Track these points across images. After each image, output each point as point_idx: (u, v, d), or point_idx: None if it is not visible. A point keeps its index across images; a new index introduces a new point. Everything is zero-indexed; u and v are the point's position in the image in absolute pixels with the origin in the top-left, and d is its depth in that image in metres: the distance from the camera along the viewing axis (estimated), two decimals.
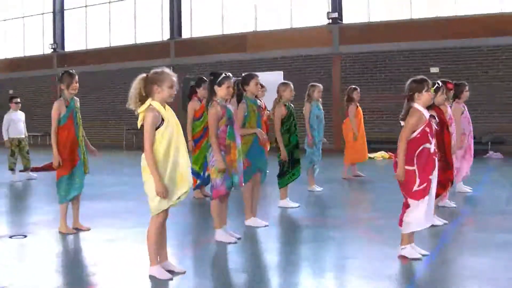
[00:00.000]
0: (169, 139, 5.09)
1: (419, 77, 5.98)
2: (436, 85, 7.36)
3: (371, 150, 16.16)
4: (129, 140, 24.66)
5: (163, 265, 5.45)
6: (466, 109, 9.42)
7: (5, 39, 31.22)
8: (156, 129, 5.07)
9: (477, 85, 17.15)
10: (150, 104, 5.09)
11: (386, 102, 19.57)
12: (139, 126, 5.15)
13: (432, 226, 6.31)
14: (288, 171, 8.82)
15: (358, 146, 12.27)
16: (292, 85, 8.86)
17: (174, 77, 5.25)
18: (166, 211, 5.29)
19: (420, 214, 5.72)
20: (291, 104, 8.92)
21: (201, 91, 9.69)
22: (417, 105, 5.80)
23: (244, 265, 6.10)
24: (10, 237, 7.23)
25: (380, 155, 17.20)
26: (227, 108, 6.62)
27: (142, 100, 5.14)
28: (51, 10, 28.88)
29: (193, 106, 9.78)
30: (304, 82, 11.78)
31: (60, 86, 7.46)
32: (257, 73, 7.87)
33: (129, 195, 10.87)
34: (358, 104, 12.25)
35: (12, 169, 13.19)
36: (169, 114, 5.16)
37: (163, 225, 5.38)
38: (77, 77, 7.45)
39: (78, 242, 7.15)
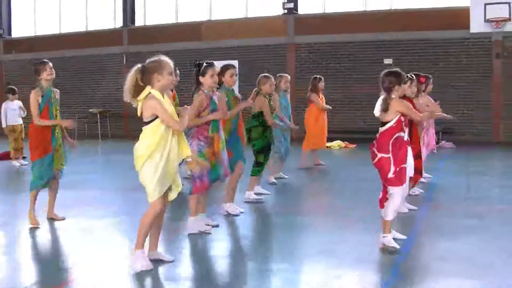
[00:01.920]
0: (164, 129, 5.07)
1: (394, 69, 6.17)
2: (408, 77, 7.55)
3: (327, 140, 16.39)
4: (81, 128, 24.35)
5: (152, 254, 5.47)
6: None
7: None
8: (155, 118, 5.05)
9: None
10: (150, 92, 5.06)
11: (340, 92, 19.89)
12: (139, 114, 5.12)
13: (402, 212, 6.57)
14: (262, 163, 8.75)
15: (317, 132, 12.42)
16: (273, 79, 8.91)
17: (172, 64, 5.22)
18: (165, 201, 5.29)
19: (399, 201, 5.91)
20: (270, 96, 8.90)
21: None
22: (395, 98, 5.94)
23: (225, 251, 6.20)
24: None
25: (336, 144, 17.50)
26: (212, 100, 6.63)
27: (138, 91, 5.08)
28: None
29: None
30: (258, 71, 11.85)
31: (36, 77, 7.44)
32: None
33: (101, 183, 10.84)
34: (321, 94, 12.43)
35: None
36: (167, 104, 5.15)
37: (161, 215, 5.40)
38: (50, 64, 7.47)
39: (53, 232, 7.09)
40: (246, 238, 6.95)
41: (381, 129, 5.91)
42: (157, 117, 5.03)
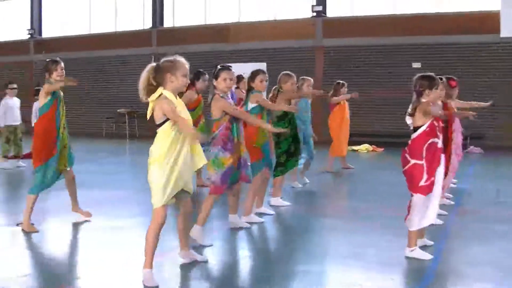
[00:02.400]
0: (177, 132, 4.88)
1: (428, 74, 5.97)
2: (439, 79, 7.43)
3: (354, 143, 16.39)
4: (109, 128, 24.56)
5: (184, 253, 5.44)
6: None
7: None
8: (167, 120, 4.85)
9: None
10: (162, 93, 4.89)
11: (367, 96, 19.80)
12: (148, 117, 4.97)
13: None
14: (283, 164, 8.44)
15: (341, 139, 12.42)
16: (295, 78, 8.66)
17: (187, 66, 5.02)
18: (184, 203, 5.19)
19: (426, 210, 5.73)
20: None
21: (199, 84, 9.65)
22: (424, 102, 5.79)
23: (253, 253, 6.24)
24: (17, 224, 7.14)
25: (364, 147, 17.45)
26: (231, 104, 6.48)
27: (151, 90, 4.92)
28: None
29: (189, 95, 9.36)
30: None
31: (45, 75, 7.18)
32: (239, 64, 7.63)
33: (128, 183, 10.93)
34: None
35: (6, 156, 13.00)
36: (180, 105, 4.98)
37: (188, 217, 5.33)
38: (62, 64, 7.23)
39: (80, 230, 7.18)
40: (274, 240, 6.98)
41: (414, 135, 5.75)
42: (168, 119, 4.86)
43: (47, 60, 7.34)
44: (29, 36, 28.41)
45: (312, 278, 5.22)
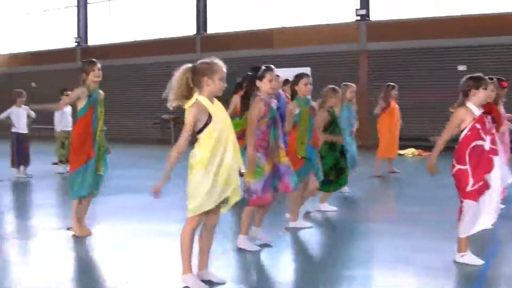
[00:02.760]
0: (218, 137, 4.72)
1: (477, 74, 5.84)
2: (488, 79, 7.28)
3: (400, 147, 16.25)
4: (156, 133, 24.81)
5: (201, 274, 5.09)
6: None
7: (28, 32, 31.37)
8: (205, 126, 4.72)
9: (507, 83, 17.12)
10: (197, 99, 4.73)
11: (413, 100, 19.61)
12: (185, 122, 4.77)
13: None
14: (334, 181, 8.30)
15: (390, 141, 12.42)
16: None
17: (225, 69, 4.83)
18: (212, 215, 4.93)
19: (477, 216, 5.54)
20: (334, 109, 8.41)
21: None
22: (469, 103, 5.66)
23: (302, 258, 6.25)
24: (68, 228, 7.27)
25: (410, 152, 17.31)
26: (271, 108, 6.19)
27: (188, 92, 4.76)
28: (75, 3, 29.02)
29: (236, 100, 9.29)
30: (330, 78, 11.81)
31: (83, 76, 7.07)
32: (284, 69, 7.45)
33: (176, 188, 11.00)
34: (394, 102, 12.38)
35: (61, 161, 13.22)
36: (217, 110, 4.82)
37: (212, 230, 5.06)
38: (99, 64, 7.14)
39: (129, 234, 7.27)
40: (320, 245, 6.97)
41: (459, 139, 5.64)
42: (206, 125, 4.73)
43: (83, 61, 7.32)
44: (76, 44, 28.93)
45: (358, 283, 5.22)
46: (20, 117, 12.67)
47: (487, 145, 5.57)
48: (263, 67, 6.18)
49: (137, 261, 5.99)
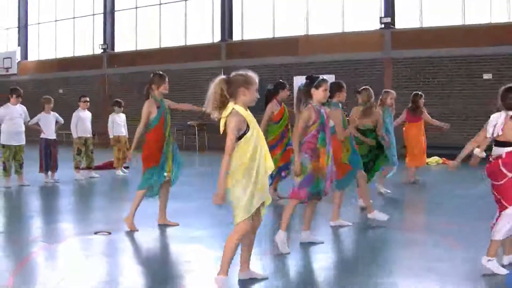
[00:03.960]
0: (254, 145, 4.95)
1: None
2: None
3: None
4: (179, 140, 24.97)
5: (245, 274, 5.39)
6: None
7: (56, 39, 31.79)
8: (243, 135, 4.92)
9: None
10: (233, 109, 4.93)
11: (438, 108, 19.55)
12: (221, 131, 4.98)
13: None
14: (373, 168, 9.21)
15: (417, 150, 12.44)
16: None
17: (257, 80, 5.07)
18: (256, 219, 5.17)
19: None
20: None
21: (282, 94, 9.86)
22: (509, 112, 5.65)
23: (328, 264, 6.31)
24: (95, 233, 7.49)
25: (434, 160, 17.25)
26: (321, 113, 6.57)
27: (223, 103, 4.95)
28: (102, 11, 29.35)
29: (271, 108, 9.74)
30: (355, 86, 11.88)
31: (149, 86, 7.70)
32: None
33: (194, 194, 11.13)
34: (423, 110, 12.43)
35: (77, 168, 13.43)
36: (252, 119, 5.03)
37: (254, 231, 5.29)
38: (167, 78, 7.78)
39: (158, 240, 7.39)
40: (349, 252, 7.02)
41: (508, 149, 5.63)
42: (245, 133, 4.93)
43: (153, 74, 7.77)
44: (102, 51, 29.23)
45: None
46: (48, 123, 12.84)
47: None
48: (320, 77, 6.59)
49: (165, 266, 6.10)
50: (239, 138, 4.93)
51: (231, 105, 4.94)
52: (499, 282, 5.48)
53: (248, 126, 4.93)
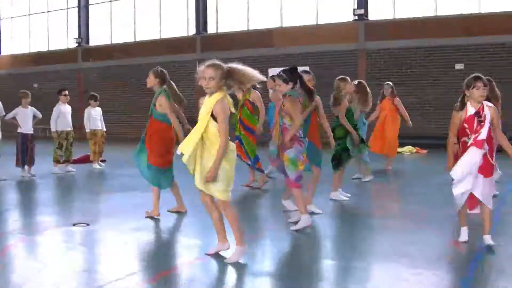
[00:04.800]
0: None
1: (474, 74, 6.18)
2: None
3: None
4: None
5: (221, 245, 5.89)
6: None
7: (30, 33, 31.59)
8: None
9: (502, 82, 17.31)
10: (225, 96, 5.45)
11: (411, 98, 19.82)
12: (207, 112, 5.42)
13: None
14: (340, 161, 9.20)
15: (390, 140, 12.70)
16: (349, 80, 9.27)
17: (202, 68, 5.53)
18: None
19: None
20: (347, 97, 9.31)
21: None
22: (469, 103, 6.05)
23: (304, 249, 6.48)
24: (74, 225, 7.56)
25: (407, 149, 17.52)
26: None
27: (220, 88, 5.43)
28: (76, 5, 29.22)
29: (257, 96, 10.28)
30: (329, 77, 12.02)
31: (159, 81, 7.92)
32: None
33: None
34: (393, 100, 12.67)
35: (58, 161, 13.43)
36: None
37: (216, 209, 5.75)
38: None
39: (136, 230, 7.49)
40: (323, 237, 7.17)
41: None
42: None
43: (161, 69, 7.98)
44: (76, 44, 29.12)
45: (359, 274, 5.43)
46: (26, 117, 12.82)
47: (470, 141, 6.03)
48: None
49: (143, 254, 6.24)
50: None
51: (222, 92, 5.44)
52: (466, 260, 5.76)
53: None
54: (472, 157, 5.96)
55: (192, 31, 25.84)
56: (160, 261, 5.91)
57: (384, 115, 12.86)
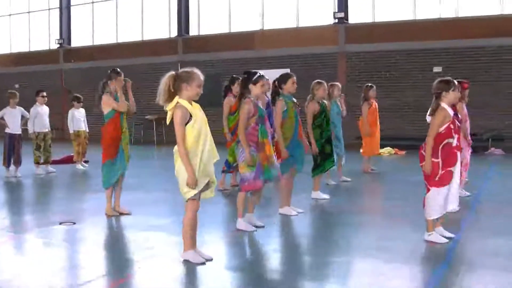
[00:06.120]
0: (198, 133, 5.42)
1: (446, 78, 6.59)
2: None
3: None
4: (137, 134, 25.10)
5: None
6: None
7: (10, 34, 31.54)
8: (186, 124, 5.38)
9: (479, 84, 17.70)
10: (178, 102, 5.40)
11: (390, 100, 20.17)
12: (168, 123, 5.51)
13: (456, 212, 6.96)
14: (321, 164, 9.36)
15: (374, 140, 12.92)
16: (326, 84, 9.46)
17: (202, 77, 5.53)
18: (198, 201, 5.65)
19: (441, 201, 6.35)
20: (324, 101, 9.47)
21: (236, 88, 10.26)
22: (443, 104, 6.36)
23: (286, 246, 6.74)
24: (60, 223, 7.73)
25: (386, 151, 17.81)
26: (259, 107, 7.03)
27: (170, 96, 5.43)
28: (58, 6, 29.25)
29: (228, 102, 10.26)
30: (310, 80, 12.23)
31: (104, 82, 8.21)
32: (264, 70, 8.24)
33: (155, 186, 11.42)
34: (374, 101, 12.84)
35: (37, 163, 13.52)
36: (196, 110, 5.48)
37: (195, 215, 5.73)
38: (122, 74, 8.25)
39: (121, 228, 7.69)
40: (304, 234, 7.42)
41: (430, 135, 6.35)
42: (187, 123, 5.39)
43: (110, 70, 8.33)
44: (58, 45, 29.15)
45: (338, 268, 5.67)
46: (13, 117, 12.95)
47: (454, 142, 6.35)
48: (258, 74, 7.02)
49: (129, 252, 6.44)
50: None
51: (176, 99, 5.43)
52: (440, 253, 6.03)
53: (191, 117, 5.40)
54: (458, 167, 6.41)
55: (174, 33, 25.98)
56: (145, 258, 6.09)
57: (375, 117, 13.00)
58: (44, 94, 13.81)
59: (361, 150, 13.07)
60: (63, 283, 5.19)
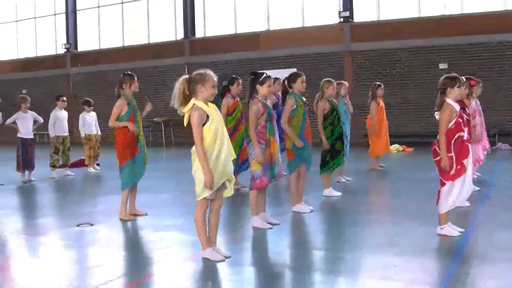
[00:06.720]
0: (214, 133, 5.55)
1: (452, 74, 6.74)
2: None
3: None
4: (146, 136, 25.18)
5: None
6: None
7: (17, 39, 31.73)
8: (203, 125, 5.52)
9: (484, 80, 17.72)
10: (194, 104, 5.55)
11: (396, 98, 20.26)
12: (185, 124, 5.66)
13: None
14: (330, 161, 9.54)
15: (382, 139, 13.00)
16: (335, 83, 9.62)
17: (216, 78, 5.69)
18: (216, 199, 5.80)
19: (456, 194, 6.49)
20: (334, 100, 9.68)
21: (235, 89, 10.37)
22: (449, 100, 6.50)
23: (298, 242, 6.86)
24: (78, 225, 7.88)
25: (394, 148, 17.88)
26: (267, 106, 7.22)
27: (185, 99, 5.59)
28: (64, 10, 29.41)
29: (226, 102, 10.27)
30: (316, 79, 12.35)
31: (120, 86, 8.26)
32: (270, 71, 8.36)
33: (166, 187, 11.56)
34: (381, 100, 12.93)
35: (54, 166, 13.68)
36: (212, 111, 5.64)
37: (217, 212, 5.91)
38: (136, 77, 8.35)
39: (137, 229, 7.84)
40: (314, 232, 7.55)
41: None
42: (205, 123, 5.54)
43: (123, 73, 8.40)
44: (65, 50, 29.31)
45: (351, 262, 5.80)
46: (25, 122, 13.09)
47: (465, 136, 6.49)
48: (264, 74, 7.20)
49: (149, 252, 6.59)
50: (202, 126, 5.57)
51: (192, 101, 5.58)
52: (451, 247, 6.14)
53: (208, 117, 5.55)
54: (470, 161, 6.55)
55: (180, 35, 26.11)
56: (162, 257, 6.23)
57: (382, 116, 13.10)
58: (64, 98, 14.06)
59: (369, 151, 13.17)
60: (84, 283, 5.35)
